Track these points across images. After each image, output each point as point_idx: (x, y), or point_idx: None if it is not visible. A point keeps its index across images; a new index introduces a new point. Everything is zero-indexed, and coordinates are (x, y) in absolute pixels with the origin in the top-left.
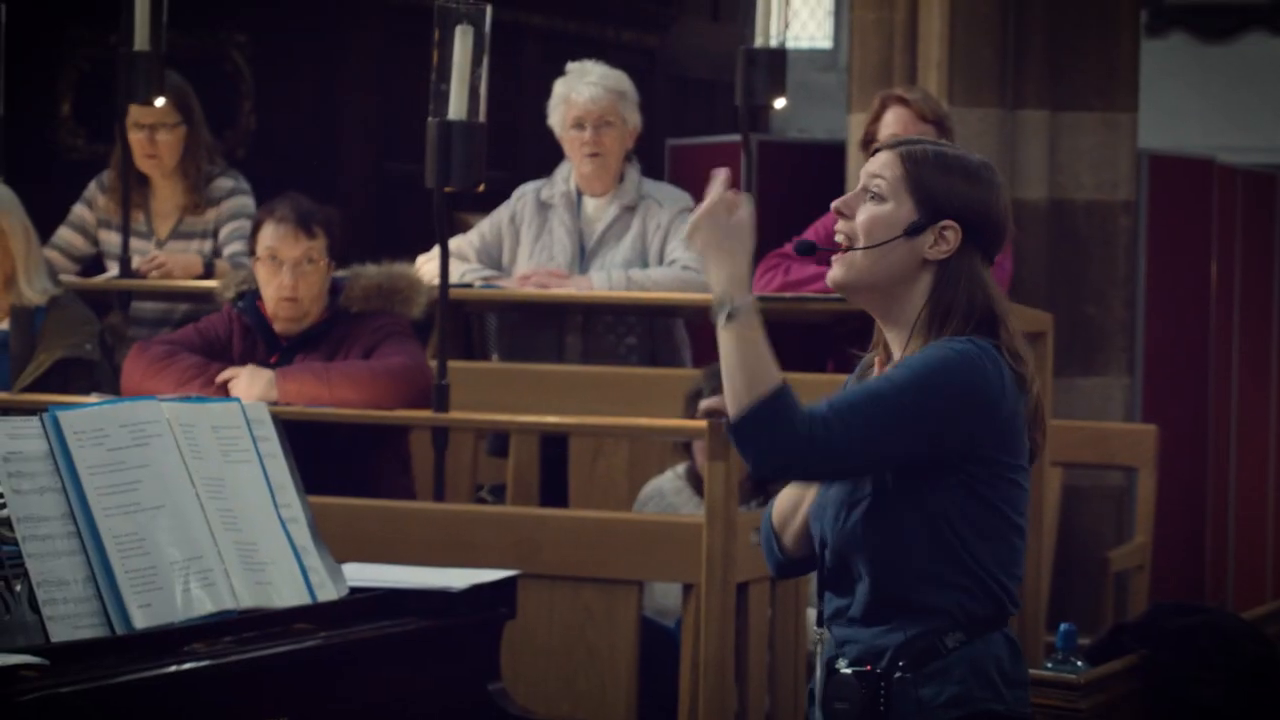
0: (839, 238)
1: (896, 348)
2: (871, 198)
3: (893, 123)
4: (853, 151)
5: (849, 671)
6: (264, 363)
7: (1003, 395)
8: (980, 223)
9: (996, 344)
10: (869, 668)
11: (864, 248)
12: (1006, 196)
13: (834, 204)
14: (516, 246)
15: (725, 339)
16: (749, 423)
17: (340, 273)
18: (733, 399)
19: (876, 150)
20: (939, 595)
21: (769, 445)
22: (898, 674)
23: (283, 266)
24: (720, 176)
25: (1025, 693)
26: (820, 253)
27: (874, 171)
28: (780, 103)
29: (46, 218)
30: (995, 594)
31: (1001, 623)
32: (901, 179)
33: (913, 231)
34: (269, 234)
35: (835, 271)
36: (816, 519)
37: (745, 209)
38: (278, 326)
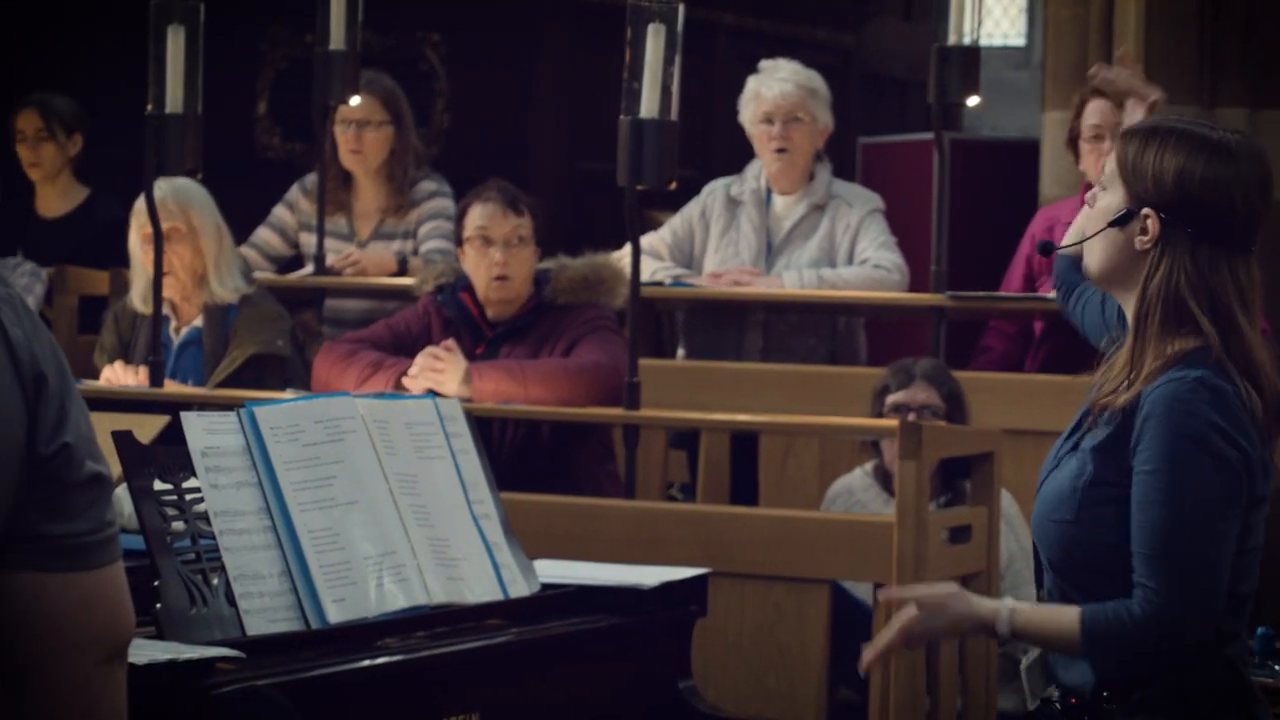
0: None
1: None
2: (1101, 187)
3: (1093, 114)
4: (1047, 149)
5: (1058, 706)
6: (470, 355)
7: (1248, 436)
8: (1187, 206)
9: (1214, 369)
10: (1074, 700)
11: (1069, 246)
12: (1254, 178)
13: (1085, 196)
14: (706, 241)
15: (1026, 637)
16: (1105, 667)
17: (543, 264)
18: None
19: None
20: None
21: (1142, 668)
22: (1104, 705)
23: (493, 245)
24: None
25: (1255, 710)
26: (1056, 251)
27: (1107, 163)
28: (973, 101)
29: (243, 216)
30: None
31: (1222, 645)
32: (1116, 164)
33: (1119, 222)
34: (478, 214)
35: (1084, 262)
36: (1036, 529)
37: (914, 606)
38: (490, 310)
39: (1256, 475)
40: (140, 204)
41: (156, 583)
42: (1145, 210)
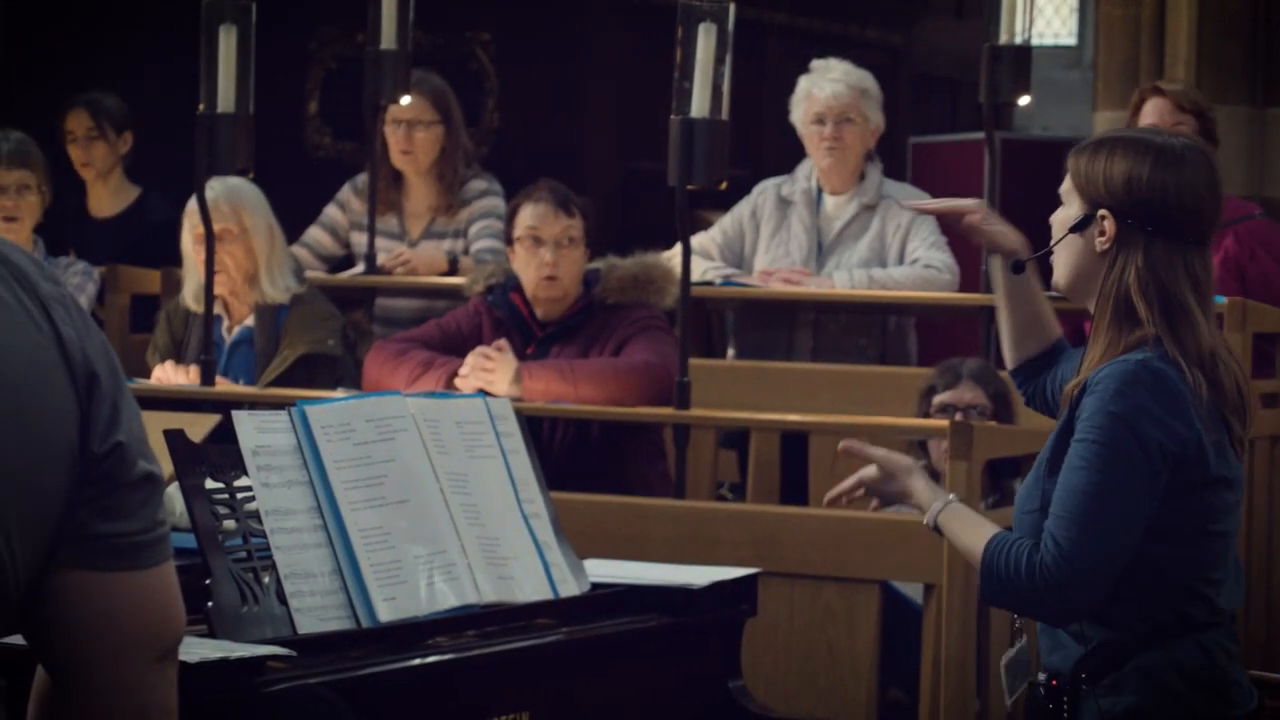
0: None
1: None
2: (1063, 204)
3: (1151, 113)
4: None
5: (1039, 683)
6: (520, 355)
7: (1184, 417)
8: (1138, 205)
9: (1163, 354)
10: (1054, 682)
11: (1037, 255)
12: (1196, 177)
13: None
14: (757, 241)
15: (947, 533)
16: (986, 592)
17: (593, 264)
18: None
19: None
20: (1115, 606)
21: (1016, 607)
22: (1082, 686)
23: (543, 245)
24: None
25: (1230, 695)
26: (1026, 264)
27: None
28: (1024, 100)
29: (294, 215)
30: (1177, 603)
31: (1192, 630)
32: (1069, 177)
33: (1077, 227)
34: (528, 214)
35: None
36: (1014, 528)
37: (874, 466)
38: (539, 310)
39: (1208, 455)
40: (193, 204)
41: (208, 581)
42: (1101, 212)
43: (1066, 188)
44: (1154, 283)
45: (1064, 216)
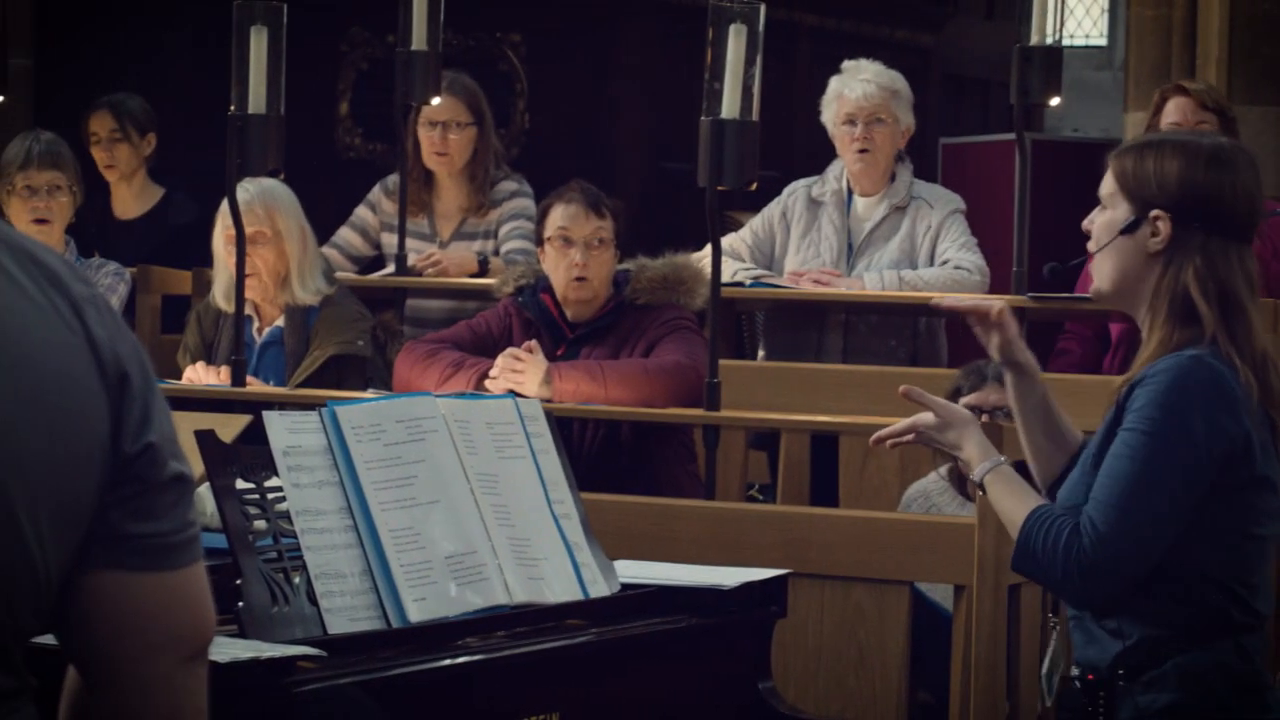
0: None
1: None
2: (1100, 208)
3: (1173, 112)
4: None
5: (1074, 678)
6: (550, 356)
7: (1235, 414)
8: (1195, 205)
9: (1216, 352)
10: (1090, 676)
11: (1083, 260)
12: (1246, 177)
13: (1083, 224)
14: (787, 242)
15: (990, 495)
16: (1018, 562)
17: (623, 265)
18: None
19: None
20: (1155, 603)
21: (1044, 580)
22: (1120, 682)
23: (573, 246)
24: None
25: (1266, 700)
26: (1065, 271)
27: (1103, 183)
28: (1055, 101)
29: (324, 216)
30: (1218, 603)
31: (1232, 632)
32: (1113, 180)
33: (1128, 229)
34: (559, 215)
35: (1092, 284)
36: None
37: (928, 412)
38: (569, 311)
39: (1255, 454)
40: (226, 205)
41: (239, 581)
42: (1155, 213)
43: (1110, 190)
44: (1213, 281)
45: (1109, 219)
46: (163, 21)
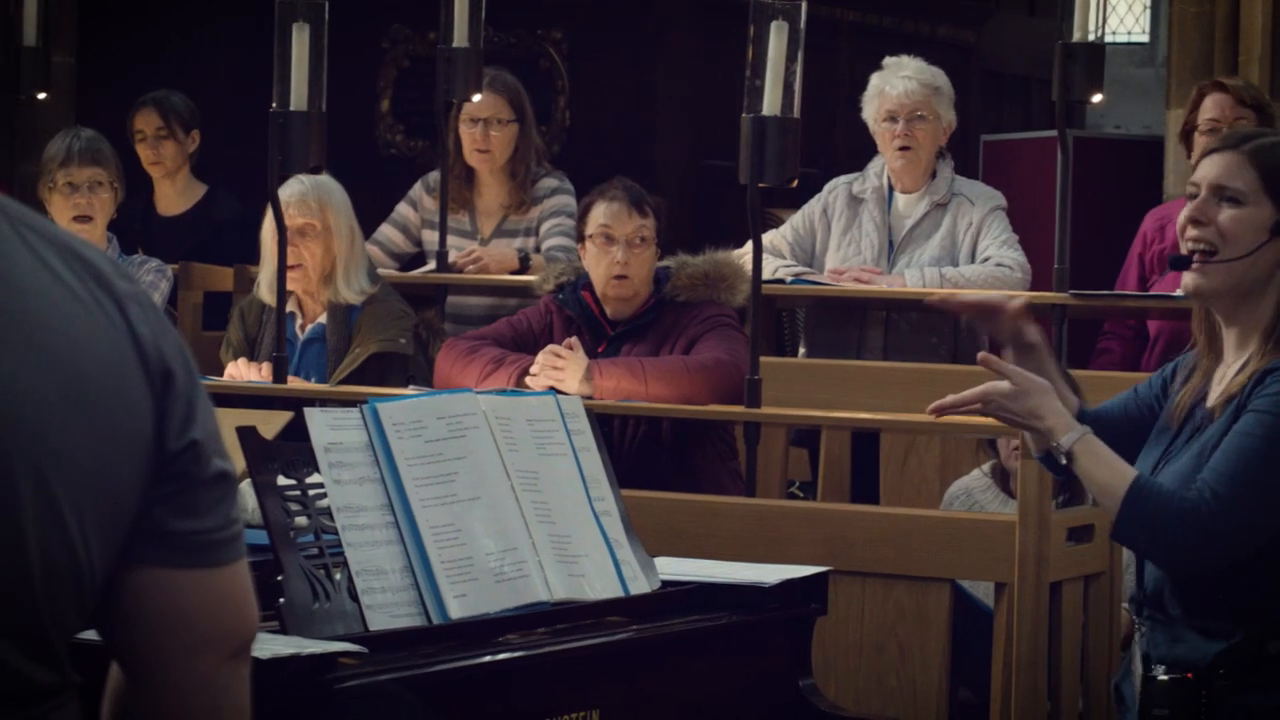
0: (1190, 245)
1: (1234, 351)
2: (1227, 201)
3: (1211, 108)
4: (1171, 146)
5: (1166, 679)
6: (591, 353)
7: None
8: None
9: None
10: (1189, 675)
11: (1238, 257)
12: None
13: (1186, 214)
14: (828, 239)
15: (1079, 464)
16: (1123, 527)
17: (664, 262)
18: (1109, 513)
19: (1210, 151)
20: (1257, 598)
21: (1149, 543)
22: (1220, 682)
23: (615, 244)
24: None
25: None
26: (1185, 261)
27: (1220, 175)
28: (1097, 98)
29: (366, 213)
30: None
31: None
32: (1257, 178)
33: (1277, 230)
34: (601, 212)
35: (1195, 280)
36: None
37: (1008, 381)
38: (609, 309)
39: None
40: (280, 196)
41: (280, 577)
42: None
43: (1252, 188)
44: None
45: (1250, 218)
46: (205, 19)
